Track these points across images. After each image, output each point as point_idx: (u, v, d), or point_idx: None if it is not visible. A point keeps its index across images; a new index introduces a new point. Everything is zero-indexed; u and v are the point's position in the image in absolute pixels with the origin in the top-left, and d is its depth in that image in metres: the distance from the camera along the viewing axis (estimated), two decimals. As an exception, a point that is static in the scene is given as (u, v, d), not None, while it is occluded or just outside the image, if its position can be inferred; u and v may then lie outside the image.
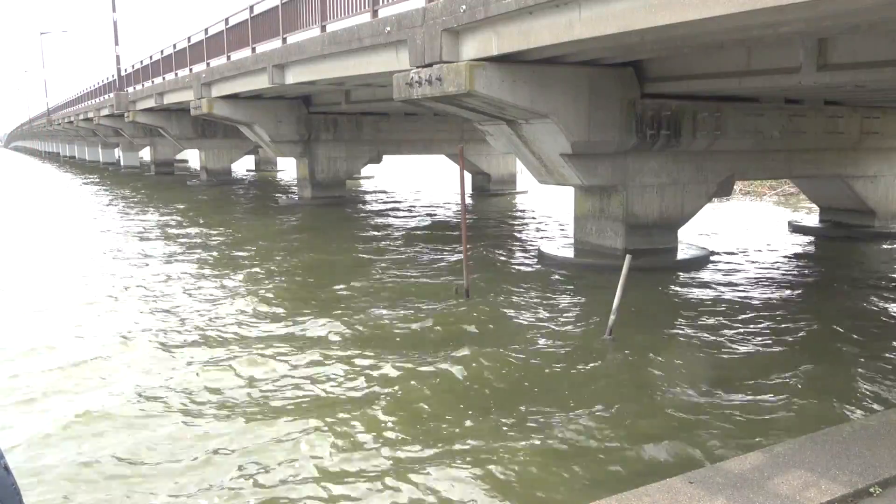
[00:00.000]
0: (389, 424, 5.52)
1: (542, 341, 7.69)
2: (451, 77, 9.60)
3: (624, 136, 10.93)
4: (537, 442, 5.18)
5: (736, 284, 10.51)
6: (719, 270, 11.55)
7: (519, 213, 20.38)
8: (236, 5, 19.14)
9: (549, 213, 19.40)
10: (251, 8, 17.77)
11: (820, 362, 6.86)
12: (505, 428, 5.42)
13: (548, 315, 8.83)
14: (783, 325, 8.31)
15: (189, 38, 23.53)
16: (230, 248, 14.21)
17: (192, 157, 44.76)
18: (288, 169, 42.68)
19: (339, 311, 8.95)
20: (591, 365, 6.80)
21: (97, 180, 37.77)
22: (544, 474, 4.72)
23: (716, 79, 10.18)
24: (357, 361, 7.03)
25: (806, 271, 12.04)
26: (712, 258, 12.38)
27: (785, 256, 12.91)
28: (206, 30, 21.61)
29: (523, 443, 5.17)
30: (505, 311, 8.94)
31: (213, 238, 15.63)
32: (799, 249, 13.77)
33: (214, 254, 13.57)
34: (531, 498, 4.44)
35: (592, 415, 5.68)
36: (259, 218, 19.33)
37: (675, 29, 7.17)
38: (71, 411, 5.85)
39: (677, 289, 10.41)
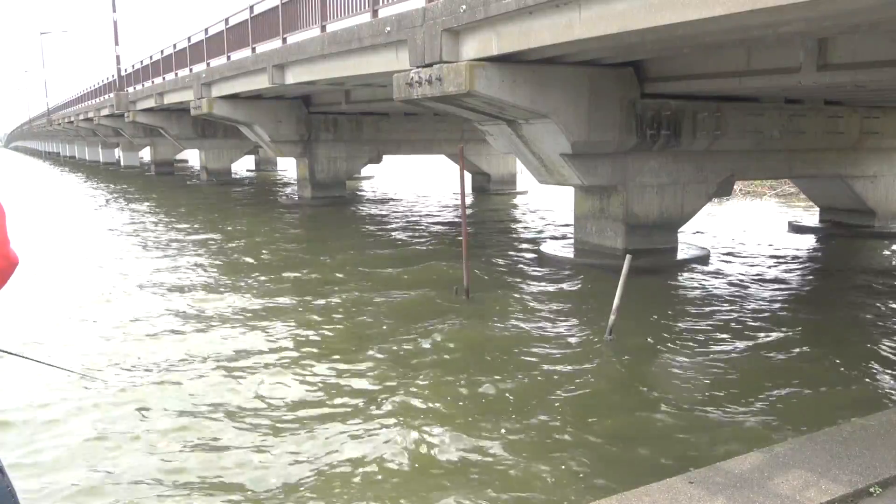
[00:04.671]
0: (382, 425, 5.53)
1: (541, 341, 7.69)
2: (451, 77, 9.60)
3: (624, 136, 10.94)
4: (536, 442, 5.18)
5: (736, 284, 10.51)
6: (719, 270, 11.54)
7: (519, 213, 20.38)
8: (236, 5, 19.18)
9: (549, 214, 19.40)
10: (251, 8, 17.78)
11: (821, 362, 6.87)
12: (503, 429, 5.42)
13: (548, 315, 8.83)
14: (784, 325, 8.30)
15: (189, 38, 23.55)
16: (228, 246, 14.21)
17: (193, 157, 44.78)
18: (288, 169, 42.68)
19: (337, 310, 8.95)
20: (591, 365, 6.80)
21: (97, 180, 37.75)
22: (543, 474, 4.72)
23: (716, 79, 10.18)
24: (354, 361, 7.04)
25: (806, 271, 12.02)
26: (712, 258, 12.39)
27: (785, 256, 12.90)
28: (206, 30, 21.63)
29: (522, 442, 5.17)
30: (505, 311, 8.93)
31: (213, 238, 15.62)
32: (799, 249, 13.76)
33: (213, 252, 13.57)
34: (530, 498, 4.44)
35: (592, 414, 5.68)
36: (259, 217, 19.31)
37: (675, 29, 7.18)
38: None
39: (677, 289, 10.42)
